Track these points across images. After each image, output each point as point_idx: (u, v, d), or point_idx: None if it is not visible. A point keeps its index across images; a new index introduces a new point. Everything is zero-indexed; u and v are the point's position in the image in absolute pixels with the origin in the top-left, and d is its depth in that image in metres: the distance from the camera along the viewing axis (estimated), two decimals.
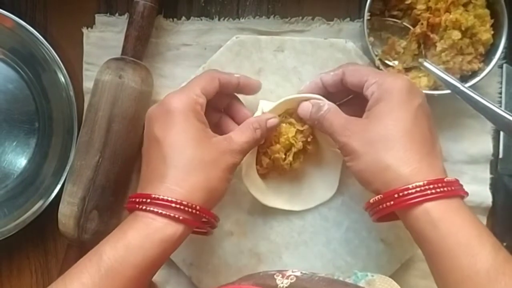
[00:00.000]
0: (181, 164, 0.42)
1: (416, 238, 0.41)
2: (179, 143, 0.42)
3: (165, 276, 0.56)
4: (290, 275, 0.40)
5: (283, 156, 0.50)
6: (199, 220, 0.42)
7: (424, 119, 0.43)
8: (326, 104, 0.47)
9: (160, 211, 0.40)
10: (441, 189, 0.40)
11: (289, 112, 0.51)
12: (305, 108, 0.48)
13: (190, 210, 0.41)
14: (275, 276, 0.40)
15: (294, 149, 0.50)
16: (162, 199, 0.41)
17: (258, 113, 0.49)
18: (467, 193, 0.42)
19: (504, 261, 0.37)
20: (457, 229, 0.39)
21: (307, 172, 0.53)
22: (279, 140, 0.49)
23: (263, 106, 0.49)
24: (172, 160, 0.42)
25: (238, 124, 0.49)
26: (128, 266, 0.39)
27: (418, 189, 0.40)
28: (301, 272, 0.41)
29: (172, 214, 0.40)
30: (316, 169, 0.53)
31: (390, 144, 0.41)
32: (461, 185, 0.42)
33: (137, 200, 0.42)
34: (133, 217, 0.42)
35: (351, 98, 0.50)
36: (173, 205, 0.40)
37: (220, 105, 0.51)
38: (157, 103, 0.46)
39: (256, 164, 0.51)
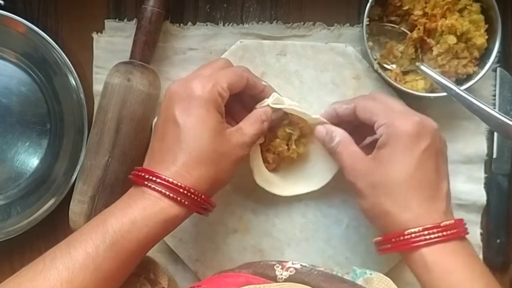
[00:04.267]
0: (196, 153, 0.43)
1: (416, 278, 0.43)
2: (197, 131, 0.43)
3: (172, 271, 0.56)
4: (290, 267, 0.41)
5: (286, 148, 0.51)
6: (200, 207, 0.44)
7: (430, 161, 0.43)
8: (338, 136, 0.47)
9: (168, 193, 0.41)
10: (436, 235, 0.41)
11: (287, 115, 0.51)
12: (320, 134, 0.49)
13: (195, 198, 0.42)
14: (275, 267, 0.41)
15: (294, 137, 0.50)
16: (172, 183, 0.42)
17: (269, 101, 0.48)
18: (467, 232, 0.43)
19: None
20: (449, 273, 0.40)
21: (313, 151, 0.53)
22: (277, 135, 0.50)
23: (271, 101, 0.48)
24: (187, 147, 0.43)
25: (245, 105, 0.50)
26: (132, 241, 0.40)
27: (413, 235, 0.41)
28: (301, 265, 0.42)
29: (179, 198, 0.42)
30: (317, 144, 0.52)
31: (391, 190, 0.42)
32: (462, 225, 0.43)
33: (146, 176, 0.42)
34: (140, 193, 0.42)
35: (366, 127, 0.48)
36: (181, 190, 0.42)
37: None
38: (180, 81, 0.45)
39: (264, 163, 0.52)
